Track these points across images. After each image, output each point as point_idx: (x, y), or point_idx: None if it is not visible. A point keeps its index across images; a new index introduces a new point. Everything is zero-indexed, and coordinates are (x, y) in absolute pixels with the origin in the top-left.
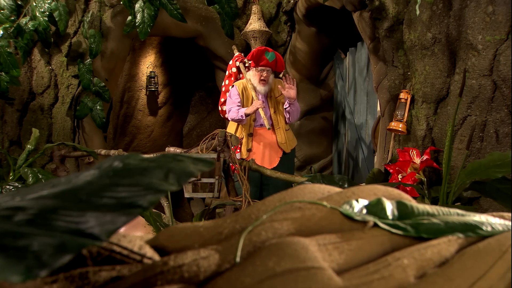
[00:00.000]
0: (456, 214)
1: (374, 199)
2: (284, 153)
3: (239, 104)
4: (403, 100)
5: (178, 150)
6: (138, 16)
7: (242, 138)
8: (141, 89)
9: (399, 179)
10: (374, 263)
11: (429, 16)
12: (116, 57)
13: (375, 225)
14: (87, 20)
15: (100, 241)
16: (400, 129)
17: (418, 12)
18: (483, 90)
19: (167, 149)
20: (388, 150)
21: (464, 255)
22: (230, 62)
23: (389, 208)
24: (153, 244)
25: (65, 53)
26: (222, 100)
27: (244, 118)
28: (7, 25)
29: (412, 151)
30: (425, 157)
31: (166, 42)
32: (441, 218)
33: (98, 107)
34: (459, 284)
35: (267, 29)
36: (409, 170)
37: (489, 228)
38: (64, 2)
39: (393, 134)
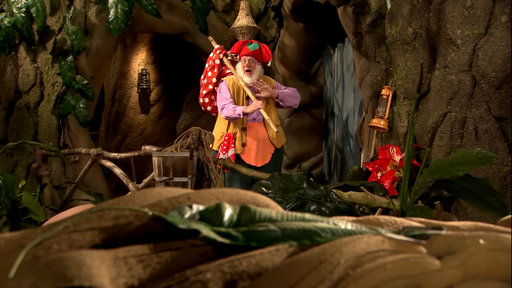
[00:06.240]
0: (301, 220)
1: (213, 204)
2: (275, 149)
3: (231, 100)
4: (384, 97)
5: (154, 149)
6: (112, 12)
7: (236, 133)
8: (133, 86)
9: (378, 177)
10: (169, 278)
11: (409, 11)
12: (101, 54)
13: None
14: (69, 16)
15: None
16: (381, 126)
17: (389, 6)
18: (463, 86)
19: (143, 147)
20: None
21: (280, 266)
22: (211, 54)
23: (228, 214)
24: None
25: (50, 50)
26: (204, 92)
27: (240, 117)
28: None
29: (392, 148)
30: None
31: (157, 39)
32: (281, 224)
33: (81, 105)
34: None
35: (255, 25)
36: (388, 168)
37: (328, 235)
38: None
39: (375, 131)
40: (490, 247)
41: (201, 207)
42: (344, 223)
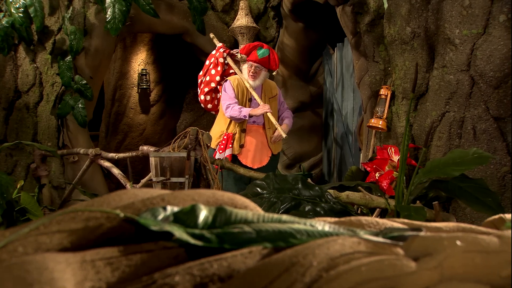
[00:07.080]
0: (277, 221)
1: (188, 205)
2: (272, 153)
3: (236, 100)
4: (383, 97)
5: (152, 149)
6: (109, 12)
7: (235, 133)
8: (133, 86)
9: (377, 177)
10: (136, 281)
11: (408, 10)
12: (100, 54)
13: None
14: (68, 16)
15: None
16: (380, 126)
17: (386, 5)
18: (461, 86)
19: (140, 147)
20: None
21: (251, 268)
22: (214, 52)
23: (203, 215)
24: None
25: (50, 51)
26: (206, 90)
27: (246, 118)
28: None
29: (390, 148)
30: None
31: (157, 39)
32: (256, 226)
33: (79, 105)
34: None
35: (254, 25)
36: (387, 168)
37: (304, 237)
38: None
39: (374, 131)
40: (467, 249)
41: (176, 209)
42: (321, 224)
